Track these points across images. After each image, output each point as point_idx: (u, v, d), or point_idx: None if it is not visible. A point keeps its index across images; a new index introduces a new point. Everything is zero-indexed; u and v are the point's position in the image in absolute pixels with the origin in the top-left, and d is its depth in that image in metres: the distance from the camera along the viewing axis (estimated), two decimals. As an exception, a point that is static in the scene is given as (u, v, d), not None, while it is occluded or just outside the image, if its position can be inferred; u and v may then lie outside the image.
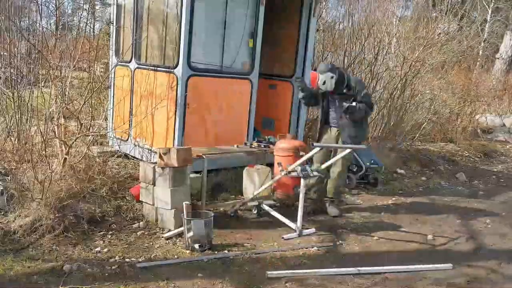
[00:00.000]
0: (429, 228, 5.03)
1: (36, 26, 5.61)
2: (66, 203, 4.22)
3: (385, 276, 3.78)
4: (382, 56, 8.42)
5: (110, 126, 6.07)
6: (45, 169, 4.37)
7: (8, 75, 5.39)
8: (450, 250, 4.48)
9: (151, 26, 5.57)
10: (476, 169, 8.40)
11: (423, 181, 7.16)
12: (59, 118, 4.86)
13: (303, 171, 4.49)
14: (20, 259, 3.61)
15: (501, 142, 11.16)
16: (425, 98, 9.48)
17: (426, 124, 9.21)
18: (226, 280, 3.52)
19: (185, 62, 4.95)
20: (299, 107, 6.25)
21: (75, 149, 4.82)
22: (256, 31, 5.46)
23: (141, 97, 5.43)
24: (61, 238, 3.98)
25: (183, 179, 4.47)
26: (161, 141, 5.25)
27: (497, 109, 13.14)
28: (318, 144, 4.76)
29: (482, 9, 17.22)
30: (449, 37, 9.17)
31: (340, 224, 4.98)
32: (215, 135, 5.40)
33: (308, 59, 6.15)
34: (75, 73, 5.39)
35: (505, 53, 16.24)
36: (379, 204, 5.85)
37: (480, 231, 5.09)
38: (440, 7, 10.32)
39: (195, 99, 5.09)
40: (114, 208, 4.56)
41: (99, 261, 3.69)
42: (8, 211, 4.18)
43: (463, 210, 5.83)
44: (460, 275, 3.89)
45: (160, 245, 4.10)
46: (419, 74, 8.70)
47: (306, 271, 3.74)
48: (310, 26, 6.05)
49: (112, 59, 6.13)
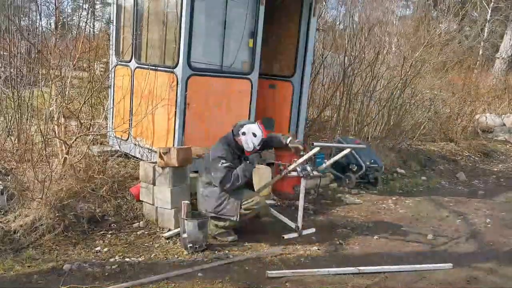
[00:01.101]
0: (429, 228, 5.04)
1: (36, 25, 5.61)
2: (66, 203, 4.23)
3: (385, 276, 3.78)
4: (383, 56, 8.42)
5: (110, 125, 6.07)
6: (45, 168, 4.37)
7: (8, 75, 5.39)
8: (450, 249, 4.48)
9: (151, 26, 5.56)
10: (476, 168, 8.41)
11: (423, 180, 7.17)
12: (59, 117, 4.86)
13: (303, 171, 4.49)
14: (20, 258, 3.61)
15: (501, 141, 11.16)
16: (425, 97, 9.48)
17: (426, 124, 9.21)
18: (226, 280, 3.52)
19: (185, 62, 4.95)
20: (299, 106, 6.25)
21: (75, 149, 4.82)
22: (256, 31, 5.45)
23: (141, 96, 5.43)
24: (61, 238, 3.98)
25: (183, 178, 4.47)
26: (161, 140, 5.25)
27: (497, 108, 13.14)
28: (318, 144, 4.76)
29: (482, 9, 17.22)
30: (450, 37, 9.16)
31: (340, 224, 4.98)
32: (215, 134, 5.38)
33: (308, 59, 6.14)
34: (75, 73, 5.38)
35: (505, 53, 16.25)
36: (379, 203, 5.85)
37: (480, 231, 5.09)
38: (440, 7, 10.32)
39: (195, 99, 5.09)
40: (114, 208, 4.56)
41: (99, 260, 3.70)
42: (8, 210, 4.18)
43: (463, 209, 5.83)
44: (460, 275, 3.89)
45: (160, 244, 4.10)
46: (420, 74, 8.70)
47: (306, 271, 3.74)
48: (310, 25, 6.04)
49: (112, 59, 6.12)
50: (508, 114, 12.77)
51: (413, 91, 8.73)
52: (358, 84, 8.30)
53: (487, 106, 12.76)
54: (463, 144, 9.64)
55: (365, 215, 5.34)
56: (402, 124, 8.54)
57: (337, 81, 8.28)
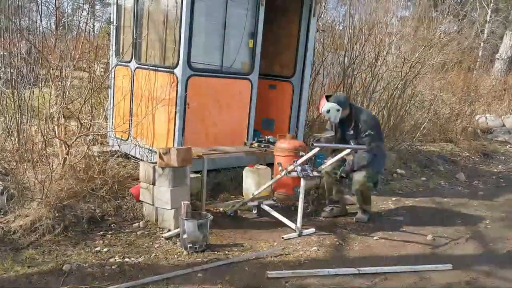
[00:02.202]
0: (429, 228, 5.03)
1: (36, 25, 5.60)
2: (66, 203, 4.23)
3: (385, 276, 3.78)
4: (383, 57, 8.42)
5: (110, 126, 6.07)
6: (45, 169, 4.37)
7: (8, 75, 5.39)
8: (450, 250, 4.48)
9: (151, 26, 5.57)
10: (476, 169, 8.40)
11: (423, 181, 7.17)
12: (59, 118, 4.87)
13: (303, 171, 4.49)
14: (20, 258, 3.61)
15: (501, 142, 11.16)
16: (425, 98, 9.48)
17: (426, 124, 9.21)
18: (226, 280, 3.52)
19: (185, 62, 4.95)
20: (299, 107, 6.26)
21: (75, 149, 4.82)
22: (256, 31, 5.46)
23: (141, 97, 5.44)
24: (61, 238, 3.98)
25: (183, 179, 4.47)
26: (161, 141, 5.25)
27: (497, 109, 13.15)
28: (318, 144, 4.76)
29: (482, 10, 17.23)
30: (449, 38, 9.16)
31: (340, 224, 4.99)
32: (215, 135, 5.40)
33: (308, 59, 6.15)
34: (75, 73, 5.38)
35: (505, 54, 16.25)
36: (379, 204, 5.85)
37: (480, 232, 5.09)
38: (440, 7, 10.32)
39: (195, 99, 5.09)
40: (114, 208, 4.56)
41: (99, 260, 3.70)
42: (8, 211, 4.18)
43: (463, 210, 5.83)
44: (460, 276, 3.89)
45: (160, 245, 4.10)
46: (420, 75, 8.70)
47: (306, 271, 3.74)
48: (310, 26, 6.05)
49: (112, 59, 6.13)
50: (508, 115, 12.78)
51: (413, 91, 8.74)
52: (358, 84, 8.31)
53: (487, 107, 12.77)
54: (463, 144, 9.65)
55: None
56: (402, 124, 8.54)
57: (337, 82, 8.29)
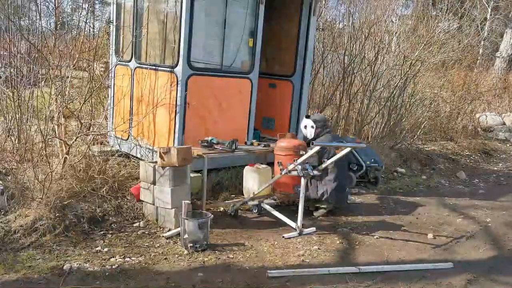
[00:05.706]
0: (429, 227, 5.03)
1: (35, 25, 5.60)
2: (67, 203, 4.23)
3: (385, 275, 3.78)
4: (382, 55, 8.41)
5: (110, 125, 6.07)
6: (46, 168, 4.37)
7: (8, 75, 5.38)
8: (451, 249, 4.48)
9: (151, 25, 5.56)
10: (476, 167, 8.40)
11: (423, 180, 7.17)
12: (59, 117, 4.86)
13: (303, 170, 4.49)
14: (20, 258, 3.61)
15: (501, 140, 11.15)
16: (425, 96, 9.47)
17: (426, 123, 9.20)
18: (226, 279, 3.52)
19: (185, 62, 4.95)
20: (299, 106, 6.25)
21: (75, 149, 4.82)
22: (256, 30, 5.45)
23: (141, 96, 5.43)
24: (61, 238, 3.98)
25: (183, 178, 4.47)
26: (162, 140, 5.25)
27: (497, 107, 13.14)
28: (318, 143, 4.76)
29: (482, 8, 17.20)
30: (449, 36, 9.14)
31: (340, 223, 4.99)
32: (215, 134, 5.39)
33: (308, 58, 6.14)
34: (75, 73, 5.38)
35: (505, 52, 16.24)
36: (379, 203, 5.85)
37: (481, 230, 5.09)
38: (440, 6, 10.31)
39: (195, 99, 5.09)
40: (114, 208, 4.56)
41: (99, 260, 3.70)
42: (9, 210, 4.18)
43: (464, 209, 5.83)
44: (460, 275, 3.89)
45: (160, 244, 4.10)
46: (420, 73, 8.69)
47: (307, 270, 3.74)
48: (310, 25, 6.04)
49: (112, 59, 6.12)
50: (508, 113, 12.76)
51: (413, 90, 8.73)
52: (358, 83, 8.30)
53: (487, 105, 12.76)
54: (463, 143, 9.65)
55: (365, 214, 5.34)
56: (402, 123, 8.53)
57: (337, 81, 8.29)
